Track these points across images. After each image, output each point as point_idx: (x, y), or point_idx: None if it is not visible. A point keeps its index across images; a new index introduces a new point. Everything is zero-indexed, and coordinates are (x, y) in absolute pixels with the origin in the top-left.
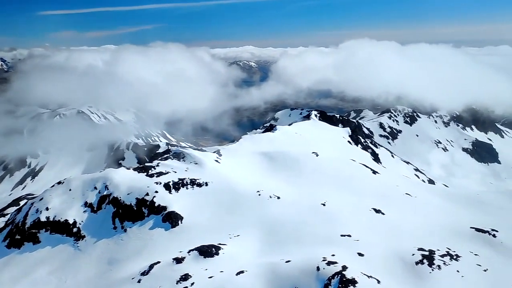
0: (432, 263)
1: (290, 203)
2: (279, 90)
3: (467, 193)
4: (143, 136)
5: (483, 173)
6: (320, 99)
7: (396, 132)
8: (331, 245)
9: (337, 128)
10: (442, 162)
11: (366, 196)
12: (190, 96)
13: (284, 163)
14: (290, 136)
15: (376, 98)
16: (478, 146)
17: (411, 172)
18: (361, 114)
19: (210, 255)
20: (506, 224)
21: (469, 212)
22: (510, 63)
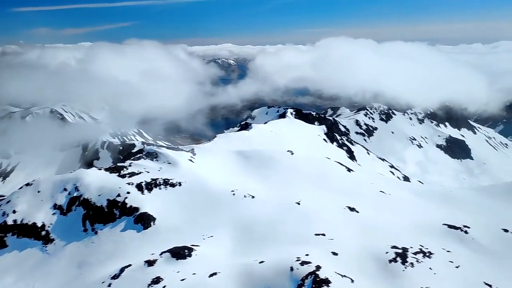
0: (405, 261)
1: (265, 202)
2: (256, 88)
3: (440, 190)
4: (119, 135)
5: (457, 169)
6: (298, 97)
7: (372, 129)
8: (305, 245)
9: (313, 126)
10: (417, 159)
11: (341, 194)
12: (165, 95)
13: (259, 162)
14: (265, 134)
15: (353, 96)
16: (452, 142)
17: (386, 169)
18: (338, 111)
19: (182, 257)
20: (477, 220)
21: (441, 209)
22: (482, 61)
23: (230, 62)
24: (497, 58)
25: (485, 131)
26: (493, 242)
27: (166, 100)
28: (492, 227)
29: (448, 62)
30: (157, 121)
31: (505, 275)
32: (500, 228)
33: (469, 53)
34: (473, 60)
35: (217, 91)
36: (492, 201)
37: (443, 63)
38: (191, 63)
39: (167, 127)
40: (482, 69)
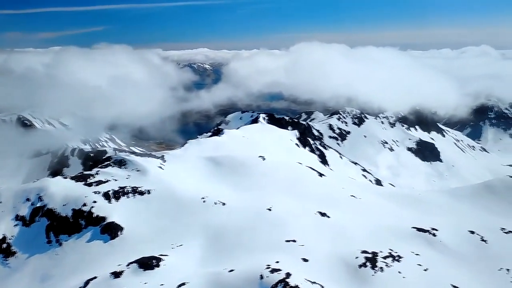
0: (375, 266)
1: (236, 209)
2: (230, 93)
3: (409, 193)
4: (90, 141)
5: (427, 172)
6: (272, 102)
7: (345, 133)
8: (276, 252)
9: (285, 131)
10: (388, 162)
11: (312, 200)
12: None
13: (231, 168)
14: (237, 140)
15: (327, 101)
16: (422, 145)
17: (358, 172)
18: (312, 116)
19: (150, 268)
20: (445, 223)
21: (411, 212)
22: (450, 66)
23: (205, 67)
24: (464, 63)
25: (454, 134)
26: (460, 244)
27: (137, 105)
28: (459, 229)
29: (419, 67)
30: (128, 127)
31: (471, 276)
32: (466, 230)
33: (439, 58)
34: (442, 65)
35: (191, 96)
36: (459, 203)
37: (414, 68)
38: (165, 68)
39: (139, 133)
40: (451, 74)
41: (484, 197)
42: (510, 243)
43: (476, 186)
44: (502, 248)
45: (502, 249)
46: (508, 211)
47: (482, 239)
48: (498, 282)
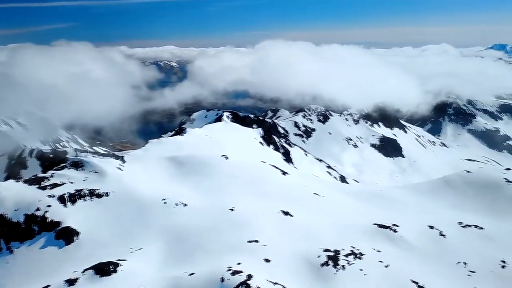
0: (337, 264)
1: (198, 210)
2: (195, 91)
3: (371, 190)
4: (50, 142)
5: (390, 168)
6: (238, 100)
7: (310, 131)
8: (238, 253)
9: (249, 130)
10: (353, 158)
11: (275, 199)
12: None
13: (193, 168)
14: (200, 139)
15: (293, 98)
16: (385, 141)
17: (323, 169)
18: (278, 113)
19: (107, 274)
20: (406, 218)
21: (373, 209)
22: (412, 64)
23: (172, 65)
24: (425, 61)
25: (415, 130)
26: (420, 239)
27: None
28: (419, 225)
29: (382, 64)
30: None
31: (430, 271)
32: (426, 225)
33: (401, 56)
34: (404, 63)
35: (155, 94)
36: (420, 198)
37: (377, 65)
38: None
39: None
40: (413, 72)
41: (443, 192)
42: (467, 237)
43: (436, 182)
44: (459, 242)
45: (460, 243)
46: (465, 205)
47: (440, 233)
48: (456, 276)
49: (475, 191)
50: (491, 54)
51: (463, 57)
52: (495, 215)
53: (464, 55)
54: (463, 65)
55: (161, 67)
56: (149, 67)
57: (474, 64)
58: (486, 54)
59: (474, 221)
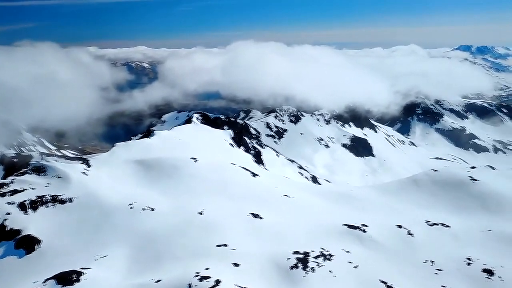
0: (306, 266)
1: (165, 214)
2: (166, 93)
3: (341, 190)
4: (15, 145)
5: (361, 167)
6: (210, 101)
7: (282, 131)
8: (207, 258)
9: (219, 131)
10: (324, 159)
11: (245, 201)
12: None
13: (161, 171)
14: (169, 141)
15: (266, 99)
16: (356, 141)
17: (295, 170)
18: (250, 114)
19: (69, 283)
20: (375, 218)
21: (342, 209)
22: (382, 64)
23: (144, 65)
24: (395, 61)
25: (385, 129)
26: (388, 239)
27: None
28: (388, 224)
29: (353, 65)
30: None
31: (398, 270)
32: (394, 225)
33: (371, 56)
34: (375, 63)
35: (125, 96)
36: (388, 198)
37: (348, 66)
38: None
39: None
40: (383, 72)
41: (411, 191)
42: (434, 235)
43: (404, 181)
44: (426, 240)
45: (427, 241)
46: (432, 203)
47: (408, 232)
48: (423, 274)
49: (441, 189)
50: (457, 55)
51: (431, 58)
52: (461, 213)
53: (432, 56)
54: (431, 65)
55: (132, 68)
56: (120, 68)
57: (442, 64)
58: (453, 55)
59: (441, 219)
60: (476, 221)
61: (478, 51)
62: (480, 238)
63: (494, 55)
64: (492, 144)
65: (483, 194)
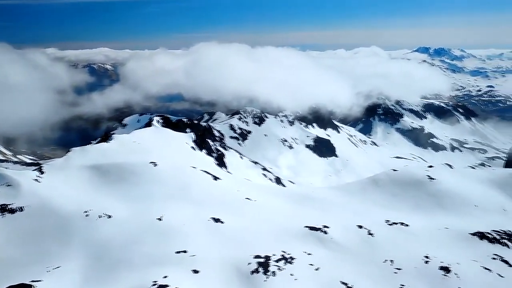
0: (267, 270)
1: (123, 221)
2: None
3: (304, 192)
4: None
5: (325, 168)
6: (173, 103)
7: (246, 133)
8: (165, 265)
9: (180, 134)
10: (288, 160)
11: (206, 205)
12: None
13: (118, 177)
14: (128, 145)
15: (230, 101)
16: (319, 142)
17: (259, 172)
18: (214, 116)
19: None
20: (336, 219)
21: (304, 211)
22: (345, 65)
23: (106, 67)
24: (357, 63)
25: (347, 130)
26: (349, 240)
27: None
28: (348, 225)
29: (317, 67)
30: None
31: (359, 270)
32: (355, 225)
33: (334, 58)
34: (338, 65)
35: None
36: (349, 198)
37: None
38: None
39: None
40: (345, 73)
41: (371, 191)
42: (393, 234)
43: (364, 181)
44: (386, 240)
45: (386, 240)
46: (392, 203)
47: (369, 232)
48: (383, 274)
49: (400, 189)
50: (416, 57)
51: (392, 59)
52: (419, 212)
53: (393, 57)
54: (392, 67)
55: (94, 70)
56: (81, 70)
57: (402, 66)
58: (412, 57)
59: (400, 218)
60: (433, 219)
61: (435, 53)
62: (437, 236)
63: (450, 56)
64: (449, 142)
65: (440, 193)
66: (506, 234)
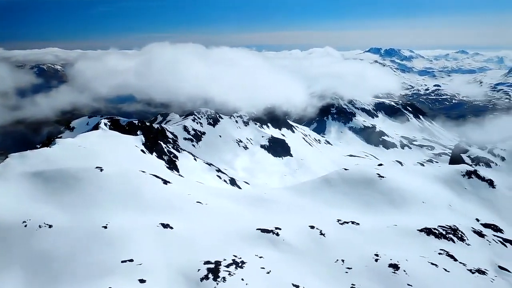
0: (217, 276)
1: (65, 230)
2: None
3: (255, 193)
4: None
5: (280, 168)
6: (124, 105)
7: (200, 134)
8: (110, 276)
9: (129, 137)
10: (244, 160)
11: (155, 211)
12: None
13: (61, 184)
14: (72, 150)
15: (185, 102)
16: (274, 142)
17: (213, 173)
18: (168, 117)
19: None
20: (288, 220)
21: (256, 213)
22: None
23: (57, 68)
24: (311, 63)
25: (302, 129)
26: (301, 240)
27: None
28: (300, 226)
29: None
30: None
31: (310, 271)
32: (307, 226)
33: (289, 58)
34: (293, 65)
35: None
36: (302, 199)
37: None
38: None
39: None
40: (300, 74)
41: (323, 191)
42: (344, 234)
43: (317, 181)
44: (337, 239)
45: (337, 240)
46: (343, 202)
47: (320, 232)
48: (335, 274)
49: (352, 188)
50: (368, 57)
51: (345, 60)
52: (370, 210)
53: (346, 58)
54: (345, 67)
55: (43, 71)
56: (27, 71)
57: (355, 66)
58: (364, 57)
59: (351, 217)
60: (383, 217)
61: (386, 53)
62: (387, 234)
63: (400, 57)
64: (399, 140)
65: (390, 190)
66: (451, 229)
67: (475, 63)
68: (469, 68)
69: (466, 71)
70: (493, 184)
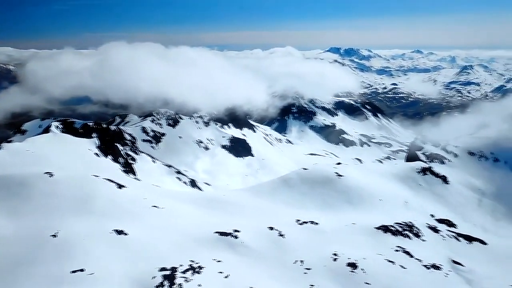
0: (173, 283)
1: (10, 240)
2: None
3: (213, 196)
4: None
5: (242, 168)
6: (80, 106)
7: (159, 136)
8: (57, 287)
9: (82, 140)
10: (204, 161)
11: (108, 217)
12: None
13: (7, 190)
14: (20, 155)
15: (144, 103)
16: (235, 142)
17: (172, 176)
18: (126, 119)
19: None
20: (247, 222)
21: (215, 216)
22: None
23: (9, 68)
24: (272, 62)
25: (263, 129)
26: (260, 242)
27: None
28: (259, 227)
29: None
30: None
31: (269, 273)
32: (266, 227)
33: (251, 58)
34: (254, 65)
35: None
36: (260, 200)
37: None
38: None
39: None
40: (261, 73)
41: (282, 191)
42: (303, 234)
43: (275, 181)
44: (296, 240)
45: (297, 241)
46: (302, 202)
47: (280, 234)
48: (293, 275)
49: (310, 187)
50: (328, 57)
51: (306, 59)
52: (328, 209)
53: (306, 57)
54: (306, 66)
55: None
56: None
57: (315, 65)
58: (324, 56)
59: (310, 217)
60: (342, 216)
61: (345, 53)
62: (345, 233)
63: (359, 56)
64: (358, 138)
65: (348, 189)
66: (407, 225)
67: (430, 62)
68: (424, 67)
69: (421, 70)
70: (446, 180)
